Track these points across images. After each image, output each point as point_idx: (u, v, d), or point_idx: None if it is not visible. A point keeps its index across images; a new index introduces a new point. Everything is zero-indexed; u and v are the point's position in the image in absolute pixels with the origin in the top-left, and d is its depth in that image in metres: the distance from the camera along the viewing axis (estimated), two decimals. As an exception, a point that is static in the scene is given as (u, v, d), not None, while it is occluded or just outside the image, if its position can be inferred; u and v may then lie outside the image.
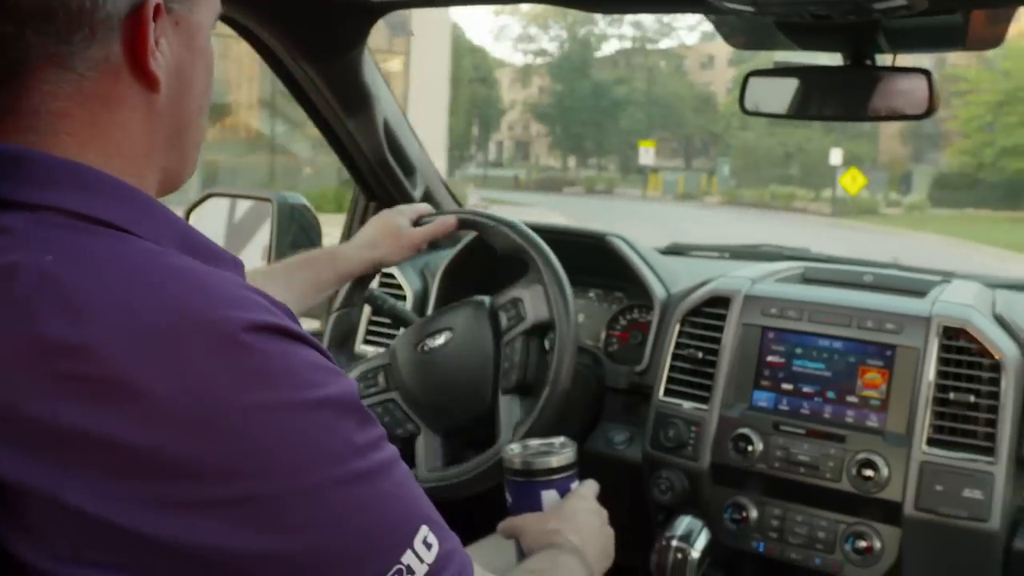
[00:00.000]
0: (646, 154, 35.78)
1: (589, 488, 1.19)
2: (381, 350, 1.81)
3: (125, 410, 0.60)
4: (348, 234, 2.20)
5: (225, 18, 1.68)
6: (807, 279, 1.77)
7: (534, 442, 1.21)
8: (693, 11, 1.43)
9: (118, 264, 0.65)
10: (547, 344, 1.51)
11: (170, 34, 0.75)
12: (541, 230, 1.70)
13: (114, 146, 0.73)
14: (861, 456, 1.44)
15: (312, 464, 0.65)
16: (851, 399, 1.50)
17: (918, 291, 1.62)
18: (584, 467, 1.21)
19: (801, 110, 1.52)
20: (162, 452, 0.60)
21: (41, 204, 0.67)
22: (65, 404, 0.59)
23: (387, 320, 1.82)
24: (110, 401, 0.60)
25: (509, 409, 1.48)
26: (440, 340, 1.56)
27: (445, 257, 2.02)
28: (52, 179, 0.68)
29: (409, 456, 1.56)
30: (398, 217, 1.57)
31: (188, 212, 2.20)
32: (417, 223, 1.59)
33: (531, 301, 1.50)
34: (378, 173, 2.04)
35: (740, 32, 1.53)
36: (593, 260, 1.90)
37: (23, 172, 0.68)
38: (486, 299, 1.57)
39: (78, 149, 0.71)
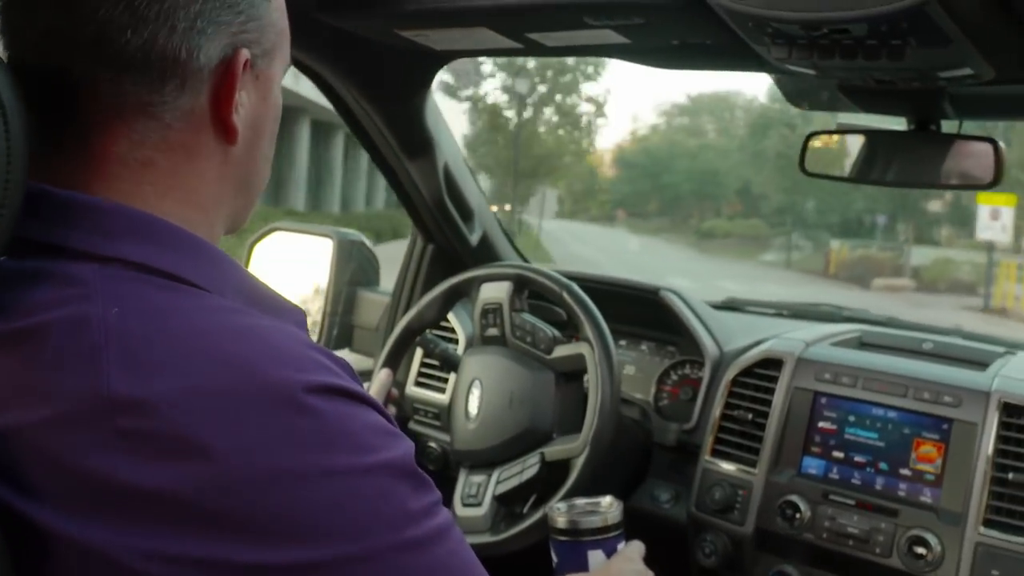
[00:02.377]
0: (992, 220, 18.29)
1: (635, 549, 1.17)
2: (432, 394, 1.83)
3: (183, 469, 0.60)
4: (404, 274, 2.20)
5: (296, 62, 1.71)
6: (864, 344, 1.73)
7: (580, 501, 1.19)
8: (756, 71, 1.42)
9: (183, 320, 0.66)
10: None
11: (250, 87, 0.77)
12: (595, 281, 1.70)
13: (190, 195, 0.75)
14: (913, 532, 1.39)
15: (367, 531, 0.64)
16: (904, 472, 1.45)
17: (979, 362, 1.57)
18: (627, 524, 1.20)
19: (863, 173, 1.49)
20: (217, 513, 0.60)
21: (110, 256, 0.67)
22: (125, 460, 0.59)
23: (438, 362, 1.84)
24: (169, 459, 0.60)
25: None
26: (476, 394, 1.59)
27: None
28: (122, 230, 0.69)
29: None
30: None
31: (252, 245, 2.24)
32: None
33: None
34: (436, 216, 2.05)
35: (802, 93, 1.52)
36: (646, 313, 1.89)
37: (94, 222, 0.69)
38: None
39: (157, 199, 0.72)
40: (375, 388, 1.59)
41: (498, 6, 1.33)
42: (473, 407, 1.61)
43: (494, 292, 1.65)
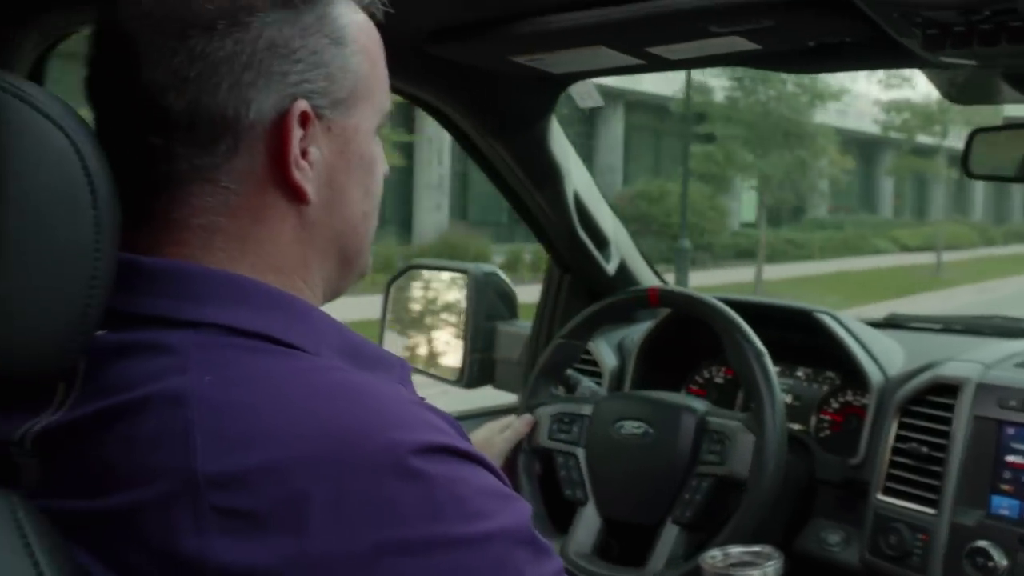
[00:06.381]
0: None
1: None
2: (595, 387, 1.75)
3: (279, 547, 0.56)
4: (544, 306, 2.13)
5: (413, 98, 1.68)
6: None
7: (735, 550, 1.10)
8: (905, 66, 1.27)
9: (276, 386, 0.62)
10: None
11: (321, 141, 0.71)
12: (741, 305, 1.58)
13: (266, 260, 0.70)
14: None
15: None
16: (1117, 512, 1.26)
17: None
18: (795, 570, 1.08)
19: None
20: None
21: (202, 321, 0.64)
22: (220, 540, 0.56)
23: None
24: (265, 536, 0.56)
25: (670, 539, 1.42)
26: (636, 430, 1.49)
27: (641, 332, 1.92)
28: (211, 294, 0.66)
29: (565, 519, 1.53)
30: (486, 432, 1.59)
31: (389, 284, 2.23)
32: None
33: (739, 449, 1.42)
34: (570, 246, 1.97)
35: (960, 86, 1.36)
36: (800, 337, 1.74)
37: (182, 287, 0.66)
38: (700, 408, 1.50)
39: (231, 264, 0.68)
40: (510, 433, 1.55)
41: (614, 21, 1.24)
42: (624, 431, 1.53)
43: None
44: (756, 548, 1.09)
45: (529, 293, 2.30)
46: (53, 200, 0.61)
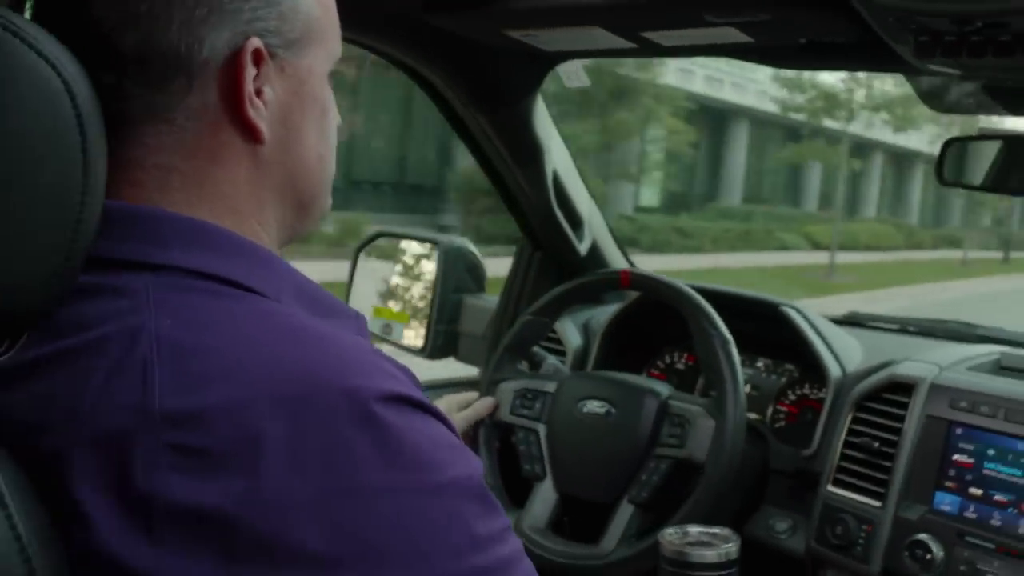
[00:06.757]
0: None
1: None
2: (560, 365, 1.78)
3: (239, 486, 0.55)
4: (512, 282, 2.15)
5: (401, 64, 1.68)
6: (1004, 367, 1.59)
7: (694, 529, 1.12)
8: (891, 71, 1.31)
9: (238, 328, 0.61)
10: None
11: (275, 80, 0.71)
12: (710, 293, 1.61)
13: (223, 201, 0.70)
14: (1064, 583, 1.25)
15: (427, 555, 0.59)
16: (1053, 514, 1.31)
17: None
18: (743, 555, 1.11)
19: (1007, 183, 1.36)
20: (275, 534, 0.56)
21: (162, 264, 0.64)
22: (177, 477, 0.56)
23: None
24: (224, 476, 0.56)
25: (624, 518, 1.46)
26: (598, 409, 1.52)
27: (608, 314, 1.95)
28: (171, 237, 0.65)
29: (521, 494, 1.57)
30: (444, 405, 1.59)
31: (357, 250, 2.22)
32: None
33: (699, 434, 1.47)
34: (545, 224, 1.99)
35: (941, 94, 1.40)
36: (763, 329, 1.78)
37: (141, 230, 0.65)
38: (664, 392, 1.54)
39: (187, 206, 0.68)
40: (470, 412, 1.58)
41: (612, 3, 1.26)
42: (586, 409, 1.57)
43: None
44: (715, 530, 1.11)
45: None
46: (42, 141, 0.60)
